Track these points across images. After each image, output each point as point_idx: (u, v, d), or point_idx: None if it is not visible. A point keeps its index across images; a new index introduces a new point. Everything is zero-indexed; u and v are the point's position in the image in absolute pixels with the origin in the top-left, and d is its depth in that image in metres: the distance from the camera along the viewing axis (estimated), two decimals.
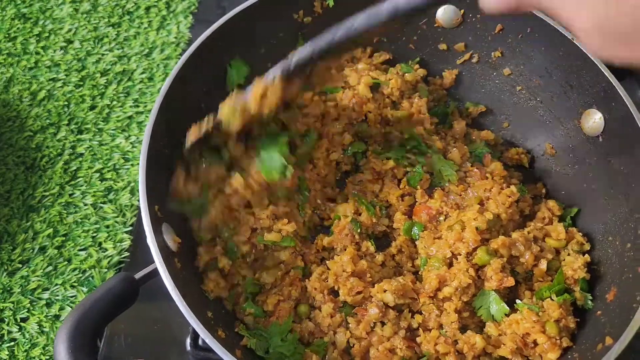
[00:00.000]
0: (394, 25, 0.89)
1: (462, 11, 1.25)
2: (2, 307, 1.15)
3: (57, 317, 1.15)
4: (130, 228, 1.26)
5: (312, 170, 1.17)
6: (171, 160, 1.04)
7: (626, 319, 0.91)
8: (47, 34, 1.53)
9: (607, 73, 1.09)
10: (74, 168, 1.33)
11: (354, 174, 1.22)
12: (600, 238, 1.10)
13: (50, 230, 1.24)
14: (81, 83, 1.46)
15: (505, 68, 1.26)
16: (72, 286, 1.18)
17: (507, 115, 1.30)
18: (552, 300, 1.03)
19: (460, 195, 1.15)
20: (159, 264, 0.87)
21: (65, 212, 1.27)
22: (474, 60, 1.29)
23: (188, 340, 1.09)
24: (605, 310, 1.00)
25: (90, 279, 1.18)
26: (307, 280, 1.08)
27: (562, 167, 1.21)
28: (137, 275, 0.90)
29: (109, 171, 1.33)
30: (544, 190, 1.22)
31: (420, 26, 1.29)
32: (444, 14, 1.26)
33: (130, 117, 1.41)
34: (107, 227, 1.25)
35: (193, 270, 1.01)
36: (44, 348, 1.11)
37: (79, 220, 1.26)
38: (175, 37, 1.56)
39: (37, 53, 1.50)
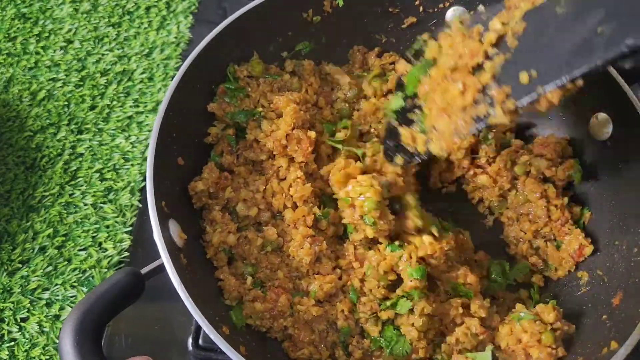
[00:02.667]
0: None
1: (472, 13, 1.32)
2: (2, 307, 1.24)
3: (57, 317, 1.23)
4: (130, 228, 1.34)
5: None
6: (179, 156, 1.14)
7: (632, 323, 0.97)
8: (47, 34, 1.63)
9: (616, 77, 1.17)
10: (74, 168, 1.41)
11: None
12: (607, 242, 1.17)
13: (50, 230, 1.32)
14: (81, 83, 1.55)
15: None
16: (72, 286, 1.26)
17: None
18: (546, 304, 1.11)
19: None
20: (165, 259, 0.95)
21: (65, 212, 1.35)
22: None
23: (189, 340, 1.16)
24: (610, 315, 1.06)
25: (90, 279, 1.26)
26: None
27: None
28: (143, 270, 0.97)
29: (109, 171, 1.41)
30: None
31: (429, 27, 1.37)
32: (453, 15, 1.34)
33: (130, 117, 1.50)
34: (107, 227, 1.34)
35: (198, 266, 1.09)
36: (44, 348, 1.19)
37: (79, 220, 1.34)
38: (176, 37, 1.65)
39: (37, 53, 1.60)
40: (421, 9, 1.34)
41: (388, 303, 1.10)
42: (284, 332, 1.09)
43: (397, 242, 1.13)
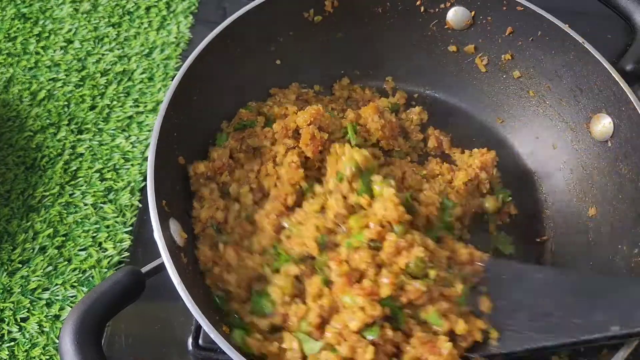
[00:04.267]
0: None
1: (473, 13, 1.33)
2: (2, 307, 1.24)
3: (57, 317, 1.23)
4: (130, 228, 1.34)
5: None
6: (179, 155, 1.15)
7: None
8: (47, 34, 1.64)
9: (617, 77, 1.17)
10: (74, 168, 1.42)
11: None
12: (607, 243, 1.17)
13: (50, 230, 1.32)
14: (81, 83, 1.55)
15: (515, 71, 1.35)
16: (72, 286, 1.26)
17: (516, 118, 1.39)
18: None
19: None
20: (165, 258, 0.95)
21: (65, 212, 1.35)
22: (484, 62, 1.38)
23: (190, 340, 1.16)
24: None
25: (90, 279, 1.27)
26: None
27: (570, 171, 1.29)
28: (144, 270, 0.97)
29: (109, 171, 1.42)
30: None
31: (431, 27, 1.38)
32: (454, 15, 1.35)
33: (130, 117, 1.51)
34: (107, 227, 1.34)
35: (199, 265, 1.09)
36: (44, 348, 1.19)
37: (79, 220, 1.35)
38: (176, 37, 1.66)
39: (37, 53, 1.60)
40: (422, 9, 1.35)
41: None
42: None
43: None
